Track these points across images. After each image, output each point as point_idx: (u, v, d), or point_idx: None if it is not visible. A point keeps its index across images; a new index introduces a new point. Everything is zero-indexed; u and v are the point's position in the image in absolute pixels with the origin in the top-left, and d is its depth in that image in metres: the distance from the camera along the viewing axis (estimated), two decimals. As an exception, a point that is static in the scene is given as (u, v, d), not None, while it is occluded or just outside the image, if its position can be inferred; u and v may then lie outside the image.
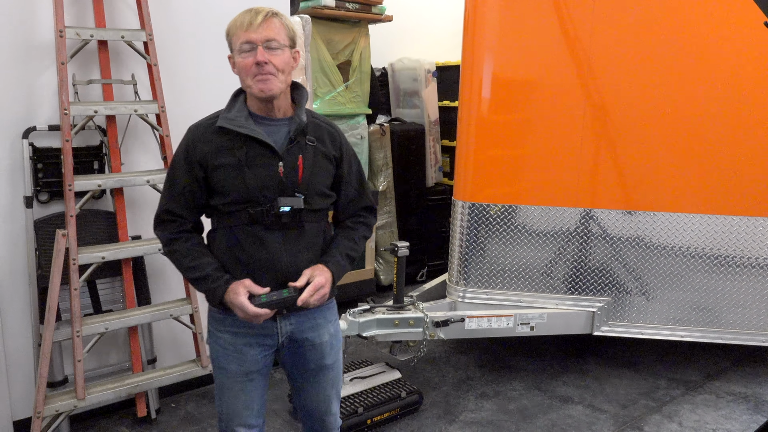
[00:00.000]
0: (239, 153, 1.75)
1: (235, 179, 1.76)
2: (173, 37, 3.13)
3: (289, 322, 1.89)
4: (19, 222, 2.82)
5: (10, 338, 2.84)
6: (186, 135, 1.84)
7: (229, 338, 1.88)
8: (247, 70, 1.73)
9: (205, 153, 1.78)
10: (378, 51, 5.00)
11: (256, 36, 1.70)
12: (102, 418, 3.12)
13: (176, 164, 1.83)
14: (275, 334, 1.89)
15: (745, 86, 3.22)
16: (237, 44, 1.73)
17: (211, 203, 1.82)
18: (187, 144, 1.81)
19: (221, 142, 1.77)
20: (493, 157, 3.42)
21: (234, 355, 1.88)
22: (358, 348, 3.97)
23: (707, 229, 3.34)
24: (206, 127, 1.81)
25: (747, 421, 3.16)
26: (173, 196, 1.83)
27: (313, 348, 1.94)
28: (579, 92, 3.30)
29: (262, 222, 1.77)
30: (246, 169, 1.75)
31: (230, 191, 1.77)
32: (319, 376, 1.98)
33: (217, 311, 1.88)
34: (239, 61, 1.74)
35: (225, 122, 1.76)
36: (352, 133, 4.64)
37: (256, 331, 1.87)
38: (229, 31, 1.77)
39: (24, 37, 2.76)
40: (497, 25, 3.37)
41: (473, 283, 3.47)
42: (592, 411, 3.26)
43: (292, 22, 1.82)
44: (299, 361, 1.96)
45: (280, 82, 1.75)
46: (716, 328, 3.43)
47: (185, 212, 1.83)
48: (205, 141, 1.79)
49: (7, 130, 2.76)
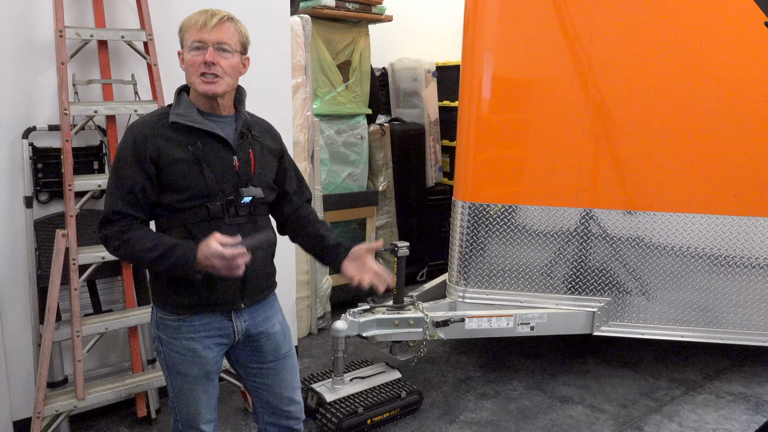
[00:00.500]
0: (194, 148, 1.75)
1: (192, 174, 1.75)
2: (173, 37, 3.09)
3: (243, 319, 1.91)
4: (18, 222, 2.82)
5: (10, 338, 2.83)
6: (130, 132, 1.78)
7: (186, 344, 1.85)
8: (194, 68, 1.75)
9: (157, 148, 1.73)
10: (378, 51, 5.01)
11: (208, 36, 1.73)
12: (102, 418, 3.12)
13: (123, 162, 1.75)
14: (231, 333, 1.90)
15: (745, 86, 3.22)
16: (188, 41, 1.76)
17: (162, 201, 1.77)
18: (135, 140, 1.75)
19: (173, 137, 1.75)
20: (493, 157, 3.42)
21: (193, 359, 1.86)
22: (358, 348, 3.97)
23: (707, 229, 3.34)
24: (154, 123, 1.78)
25: (747, 421, 3.16)
26: (122, 195, 1.74)
27: (268, 339, 1.97)
28: (579, 92, 3.30)
29: (220, 216, 1.78)
30: (203, 163, 1.75)
31: (187, 187, 1.75)
32: (278, 367, 2.01)
33: (171, 318, 1.85)
34: (188, 58, 1.76)
35: (178, 117, 1.76)
36: (352, 133, 4.64)
37: (213, 333, 1.87)
38: (182, 28, 1.80)
39: (24, 37, 2.76)
40: (497, 25, 3.37)
41: (473, 283, 3.47)
42: (592, 411, 3.26)
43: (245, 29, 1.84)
44: (256, 356, 1.98)
45: (225, 84, 1.78)
46: (716, 328, 3.43)
47: (136, 211, 1.75)
48: (155, 136, 1.75)
49: (7, 130, 2.76)
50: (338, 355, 3.11)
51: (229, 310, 1.87)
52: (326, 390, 3.11)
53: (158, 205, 1.79)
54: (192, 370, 1.87)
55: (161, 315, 1.87)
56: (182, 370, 1.87)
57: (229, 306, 1.87)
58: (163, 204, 1.78)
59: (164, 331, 1.87)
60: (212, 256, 1.65)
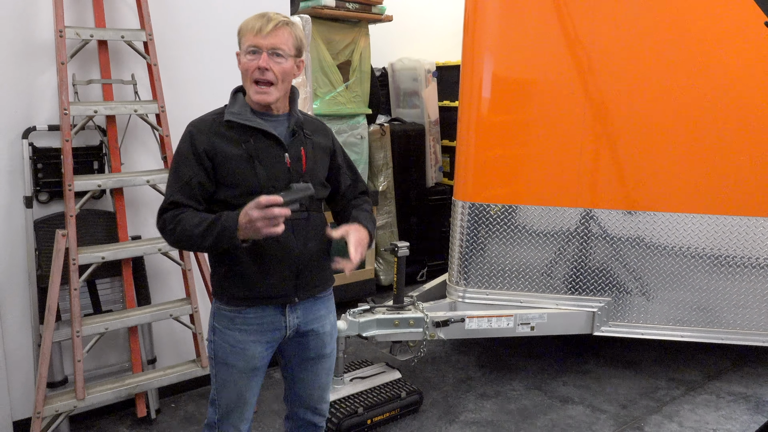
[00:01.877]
0: (246, 145, 1.81)
1: (245, 171, 1.81)
2: (173, 37, 3.13)
3: (296, 315, 1.94)
4: (18, 222, 2.82)
5: (10, 338, 2.83)
6: (189, 129, 1.85)
7: (238, 336, 1.90)
8: (249, 73, 1.80)
9: (213, 145, 1.80)
10: (378, 51, 5.00)
11: (263, 42, 1.77)
12: (102, 419, 3.12)
13: (182, 157, 1.82)
14: (283, 328, 1.93)
15: (746, 86, 3.22)
16: (244, 45, 1.81)
17: (218, 197, 1.84)
18: (192, 136, 1.82)
19: (229, 135, 1.82)
20: (494, 157, 3.42)
21: (241, 351, 1.91)
22: (358, 348, 3.96)
23: (707, 229, 3.34)
24: (210, 122, 1.85)
25: (747, 421, 3.16)
26: (179, 187, 1.80)
27: (317, 338, 2.01)
28: (579, 92, 3.30)
29: None
30: (256, 160, 1.81)
31: (240, 183, 1.81)
32: (317, 365, 2.05)
33: (227, 309, 1.90)
34: (243, 62, 1.82)
35: (232, 116, 1.83)
36: (352, 133, 4.64)
37: (265, 328, 1.91)
38: (240, 31, 1.84)
39: (24, 37, 2.76)
40: (497, 25, 3.37)
41: (473, 283, 3.47)
42: (593, 411, 3.26)
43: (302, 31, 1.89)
44: (300, 351, 2.02)
45: (277, 91, 1.83)
46: (716, 328, 3.42)
47: (191, 202, 1.80)
48: (211, 133, 1.82)
49: (7, 130, 2.76)
50: (338, 355, 3.11)
51: (283, 304, 1.90)
52: (326, 390, 3.11)
53: (215, 201, 1.84)
54: (239, 362, 1.92)
55: (218, 305, 1.93)
56: (230, 361, 1.92)
57: (283, 300, 1.90)
58: (219, 200, 1.84)
59: (219, 321, 1.92)
60: (249, 209, 1.66)
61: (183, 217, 1.77)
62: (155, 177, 2.94)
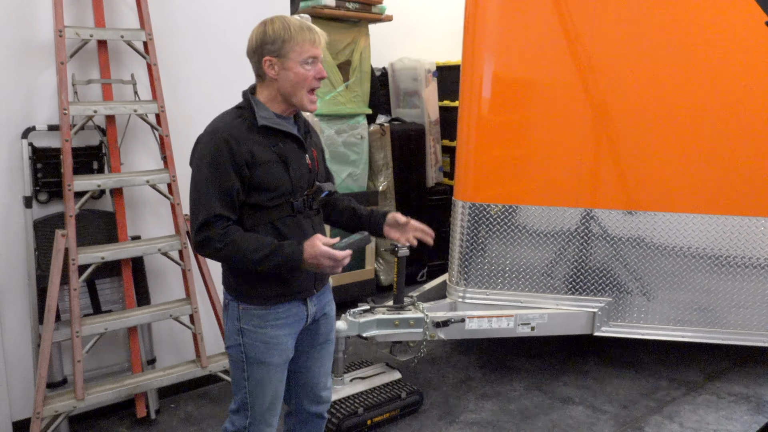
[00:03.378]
0: (276, 149, 1.88)
1: (280, 174, 1.87)
2: (173, 37, 3.12)
3: (314, 303, 2.03)
4: (18, 222, 2.81)
5: (9, 338, 2.83)
6: (221, 135, 1.81)
7: (271, 332, 1.94)
8: (306, 82, 1.87)
9: (251, 152, 1.83)
10: (378, 51, 5.00)
11: (320, 53, 1.89)
12: (101, 419, 3.12)
13: (219, 166, 1.80)
14: (305, 317, 2.01)
15: (746, 86, 3.22)
16: (302, 56, 1.85)
17: (249, 201, 1.86)
18: (230, 144, 1.80)
19: (260, 140, 1.86)
20: (494, 157, 3.42)
21: (277, 347, 1.95)
22: (358, 348, 3.96)
23: (707, 229, 3.34)
24: (239, 126, 1.85)
25: (748, 421, 3.16)
26: (220, 198, 1.80)
27: (326, 321, 2.12)
28: (579, 92, 3.30)
29: (302, 211, 1.93)
30: (287, 163, 1.89)
31: (276, 185, 1.86)
32: (324, 350, 2.15)
33: (258, 308, 1.92)
34: (300, 72, 1.86)
35: (267, 121, 1.87)
36: (352, 133, 4.64)
37: (292, 320, 1.97)
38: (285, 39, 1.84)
39: (23, 37, 2.75)
40: (497, 25, 3.36)
41: (473, 284, 3.47)
42: (593, 411, 3.26)
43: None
44: (312, 337, 2.10)
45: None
46: (717, 328, 3.42)
47: (232, 213, 1.84)
48: (247, 140, 1.83)
49: (7, 130, 2.76)
50: (338, 356, 3.11)
51: (305, 296, 1.99)
52: (326, 390, 3.11)
53: (245, 205, 1.87)
54: (274, 358, 1.96)
55: (245, 306, 1.94)
56: (266, 359, 1.95)
57: (306, 293, 1.99)
58: (251, 204, 1.87)
59: (248, 321, 1.93)
60: (321, 257, 1.79)
61: (235, 239, 1.80)
62: (155, 177, 2.93)
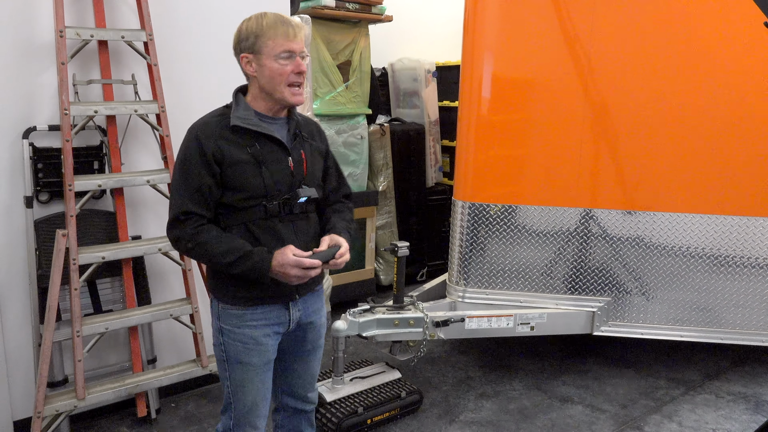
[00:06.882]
0: (252, 150, 1.84)
1: (252, 175, 1.84)
2: (173, 37, 3.13)
3: (298, 308, 2.01)
4: (19, 222, 2.82)
5: (10, 338, 2.84)
6: (194, 133, 1.84)
7: (249, 332, 1.93)
8: (283, 77, 1.83)
9: (220, 149, 1.81)
10: (378, 51, 5.00)
11: (296, 46, 1.83)
12: (102, 418, 3.12)
13: (189, 163, 1.82)
14: (287, 322, 1.99)
15: (745, 86, 3.22)
16: (276, 50, 1.81)
17: (223, 201, 1.85)
18: (200, 141, 1.82)
19: (234, 140, 1.84)
20: (493, 157, 3.42)
21: (256, 348, 1.95)
22: (358, 348, 3.97)
23: (707, 229, 3.34)
24: (215, 124, 1.85)
25: (747, 421, 3.17)
26: (190, 194, 1.82)
27: (313, 329, 2.09)
28: (579, 92, 3.30)
29: (277, 215, 1.88)
30: (262, 165, 1.85)
31: (247, 187, 1.84)
32: (311, 356, 2.13)
33: (234, 308, 1.92)
34: (276, 67, 1.82)
35: (239, 121, 1.84)
36: (352, 133, 4.64)
37: (272, 322, 1.95)
38: (261, 35, 1.82)
39: (24, 37, 2.76)
40: (497, 25, 3.37)
41: (473, 283, 3.47)
42: (592, 411, 3.27)
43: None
44: (298, 343, 2.08)
45: (304, 92, 1.91)
46: (716, 328, 3.43)
47: (203, 210, 1.84)
48: (218, 138, 1.83)
49: (7, 130, 2.76)
50: (338, 355, 3.11)
51: (286, 301, 1.97)
52: (326, 390, 3.11)
53: (220, 204, 1.87)
54: (253, 358, 1.95)
55: (223, 306, 1.94)
56: (244, 359, 1.95)
57: (287, 298, 1.97)
58: (225, 203, 1.86)
59: (227, 321, 1.94)
60: (289, 266, 1.78)
61: (205, 241, 1.81)
62: (155, 177, 2.94)
